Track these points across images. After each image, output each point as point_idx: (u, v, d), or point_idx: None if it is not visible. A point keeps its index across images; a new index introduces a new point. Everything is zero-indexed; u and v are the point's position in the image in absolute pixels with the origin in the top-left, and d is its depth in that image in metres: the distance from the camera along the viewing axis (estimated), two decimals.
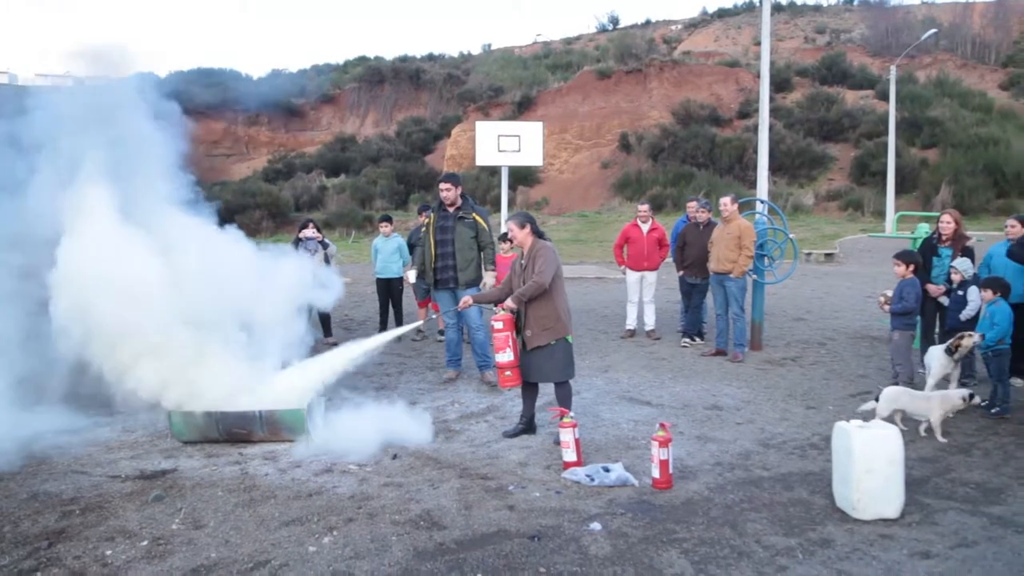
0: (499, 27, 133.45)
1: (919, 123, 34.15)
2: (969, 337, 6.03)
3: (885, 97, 29.67)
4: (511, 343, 5.39)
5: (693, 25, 68.46)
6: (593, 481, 4.62)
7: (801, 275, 16.44)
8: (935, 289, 7.22)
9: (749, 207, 9.59)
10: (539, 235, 5.68)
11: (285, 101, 53.72)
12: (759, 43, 11.10)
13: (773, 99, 31.74)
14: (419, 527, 4.10)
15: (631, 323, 9.88)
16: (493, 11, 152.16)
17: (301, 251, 9.19)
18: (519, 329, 5.54)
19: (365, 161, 41.74)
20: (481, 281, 7.36)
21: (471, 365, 7.69)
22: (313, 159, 44.31)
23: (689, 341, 9.19)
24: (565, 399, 5.53)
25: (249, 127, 52.27)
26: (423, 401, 6.68)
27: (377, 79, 54.97)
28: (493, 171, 28.53)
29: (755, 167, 10.88)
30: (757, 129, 10.96)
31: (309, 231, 9.46)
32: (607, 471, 4.68)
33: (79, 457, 5.30)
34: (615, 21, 71.54)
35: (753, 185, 11.10)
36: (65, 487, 4.73)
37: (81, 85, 6.66)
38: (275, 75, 66.93)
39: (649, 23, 71.76)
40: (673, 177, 32.52)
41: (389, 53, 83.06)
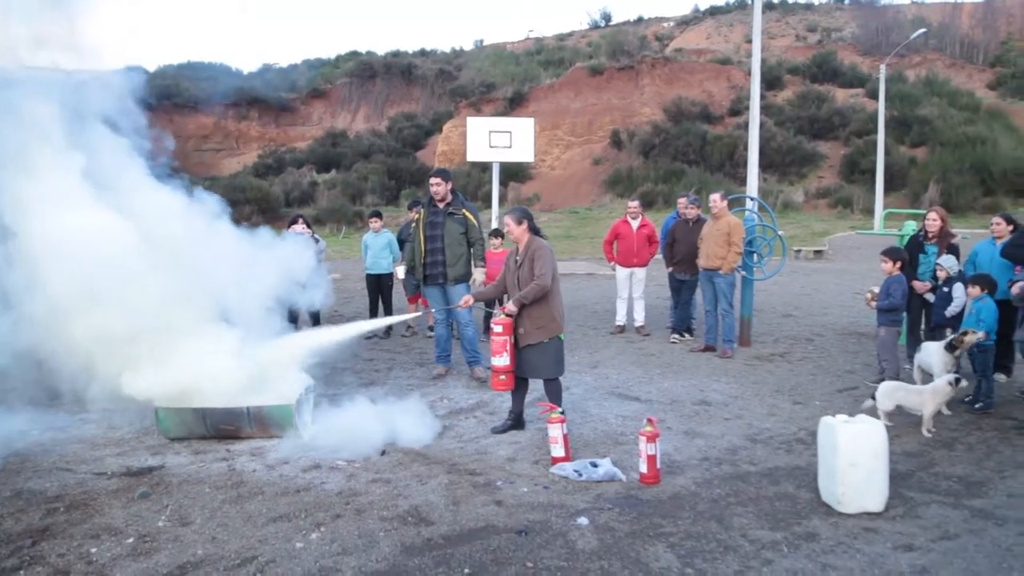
0: (491, 23, 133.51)
1: (908, 122, 34.34)
2: (973, 334, 6.06)
3: (875, 96, 29.81)
4: (508, 348, 5.39)
5: (685, 22, 68.57)
6: (581, 476, 4.63)
7: (791, 272, 16.52)
8: (921, 286, 7.27)
9: (739, 204, 9.62)
10: (535, 232, 5.69)
11: (275, 96, 53.52)
12: (751, 41, 11.11)
13: (764, 97, 31.85)
14: (407, 523, 4.11)
15: (621, 319, 9.90)
16: (486, 7, 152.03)
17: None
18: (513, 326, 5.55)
19: (356, 156, 41.65)
20: (470, 277, 7.36)
21: (460, 361, 7.69)
22: (304, 154, 44.18)
23: (678, 337, 9.23)
24: (555, 395, 5.55)
25: (239, 122, 52.05)
26: (412, 396, 6.67)
27: (368, 74, 54.83)
28: (484, 167, 28.50)
29: (746, 164, 10.90)
30: (748, 126, 10.99)
31: (298, 227, 9.42)
32: (595, 466, 4.70)
33: (64, 454, 5.26)
34: (607, 18, 71.58)
35: (744, 182, 11.12)
36: (49, 484, 4.71)
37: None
38: (266, 69, 66.69)
39: (641, 20, 71.83)
40: (664, 174, 32.60)
41: (381, 48, 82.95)
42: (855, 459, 4.11)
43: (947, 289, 6.86)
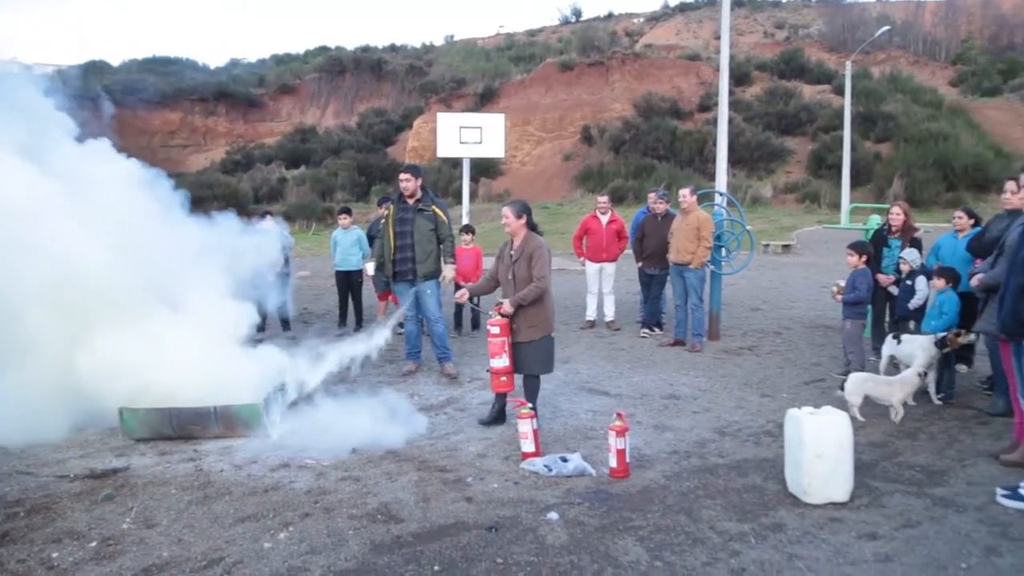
0: (462, 18, 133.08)
1: (873, 118, 34.88)
2: (965, 335, 6.13)
3: (841, 92, 30.24)
4: (507, 349, 5.38)
5: (655, 18, 68.98)
6: (551, 471, 4.64)
7: (759, 266, 16.71)
8: (885, 279, 7.39)
9: (708, 199, 9.70)
10: (532, 227, 5.70)
11: (243, 91, 52.89)
12: (719, 37, 11.20)
13: (733, 93, 32.10)
14: (376, 520, 4.08)
15: (591, 314, 9.94)
16: (456, 2, 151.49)
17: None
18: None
19: (326, 152, 41.34)
20: (441, 274, 7.33)
21: (430, 357, 7.66)
22: (273, 150, 43.74)
23: (648, 331, 9.28)
24: (532, 392, 5.57)
25: (207, 117, 51.35)
26: (382, 393, 6.63)
27: (338, 69, 54.39)
28: (455, 163, 28.44)
29: (715, 159, 10.99)
30: (717, 122, 11.08)
31: (267, 223, 9.34)
32: (565, 461, 4.71)
33: (25, 457, 5.15)
34: (578, 13, 71.78)
35: (713, 177, 11.22)
36: (9, 488, 4.60)
37: None
38: (233, 64, 65.88)
39: (612, 16, 72.13)
40: (635, 169, 32.76)
41: (350, 43, 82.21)
42: (821, 450, 4.17)
43: (910, 282, 6.98)
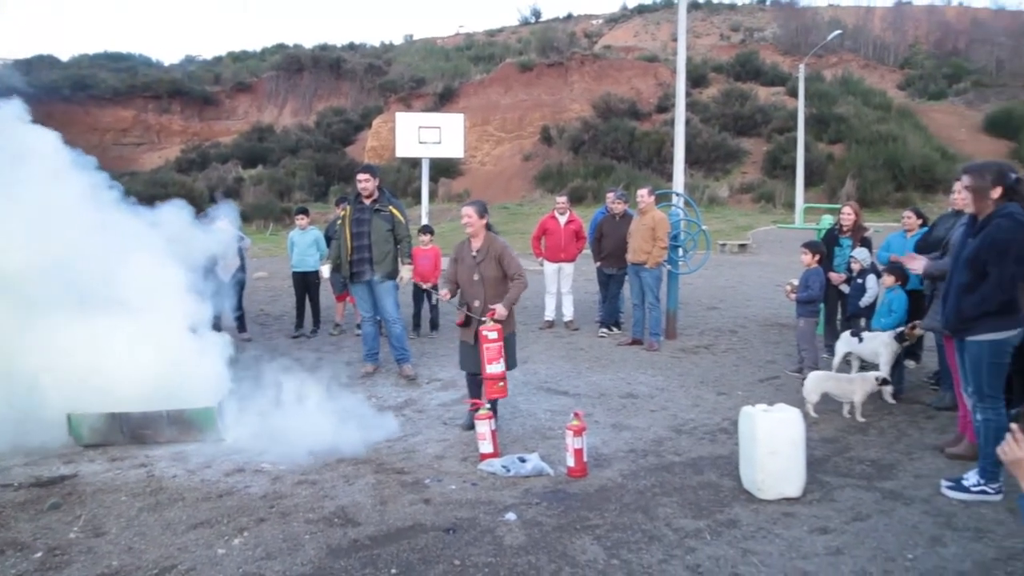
0: (421, 18, 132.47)
1: (826, 119, 35.64)
2: (920, 325, 6.26)
3: (795, 94, 30.80)
4: (503, 353, 5.30)
5: (614, 20, 69.46)
6: (509, 472, 4.64)
7: (716, 265, 16.93)
8: (836, 277, 7.55)
9: (667, 199, 9.80)
10: (489, 227, 5.69)
11: (199, 88, 51.99)
12: (677, 39, 11.33)
13: (690, 94, 32.57)
14: (333, 524, 4.04)
15: (549, 314, 9.97)
16: (415, 1, 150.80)
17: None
18: (467, 322, 5.54)
19: (283, 152, 40.83)
20: (398, 275, 7.29)
21: (389, 359, 7.61)
22: (229, 149, 43.07)
23: (606, 331, 9.34)
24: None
25: (160, 115, 50.37)
26: (339, 396, 6.57)
27: (296, 68, 53.78)
28: (414, 163, 28.27)
29: (673, 160, 11.12)
30: (675, 123, 11.21)
31: (222, 223, 9.17)
32: (523, 461, 4.71)
33: None
34: (537, 14, 72.02)
35: (671, 178, 11.35)
36: None
37: None
38: (188, 61, 64.70)
39: (571, 17, 72.47)
40: (594, 170, 32.98)
41: (308, 41, 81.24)
42: (774, 447, 4.24)
43: (861, 280, 7.14)
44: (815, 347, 7.25)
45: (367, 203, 7.14)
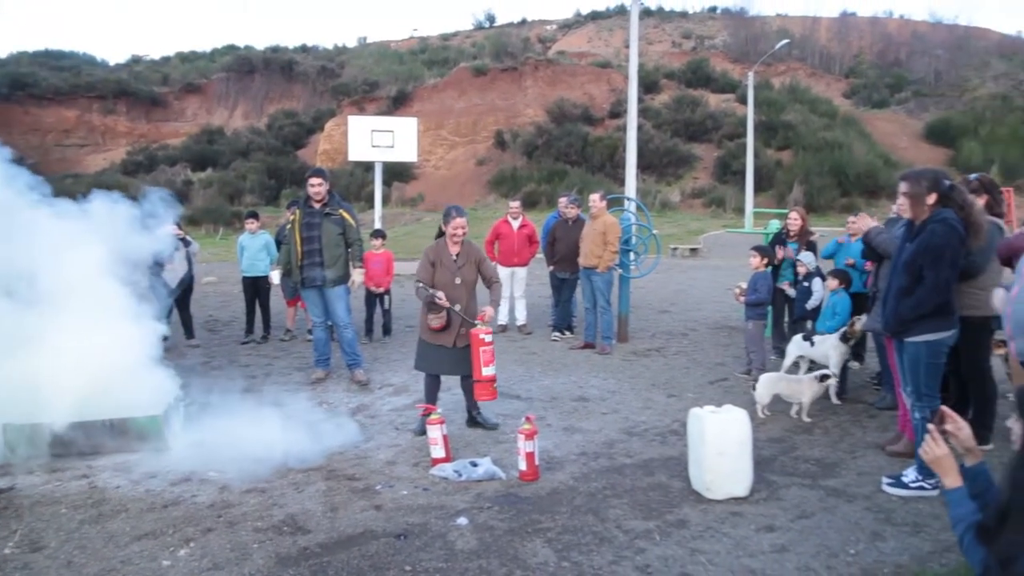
0: (375, 21, 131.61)
1: (774, 126, 36.47)
2: (859, 321, 6.41)
3: (744, 101, 31.46)
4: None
5: (567, 26, 69.94)
6: (461, 476, 4.63)
7: (668, 269, 17.17)
8: (784, 285, 7.71)
9: (618, 204, 9.90)
10: (442, 234, 5.69)
11: (146, 89, 50.83)
12: (629, 46, 11.48)
13: (642, 100, 32.95)
14: (282, 532, 3.98)
15: (503, 318, 9.98)
16: (369, 4, 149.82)
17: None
18: (447, 325, 5.52)
19: (234, 155, 40.19)
20: (349, 279, 7.23)
21: (340, 364, 7.54)
22: (178, 151, 42.24)
23: (559, 335, 9.40)
24: (471, 390, 5.65)
25: (105, 116, 49.11)
26: (290, 402, 6.49)
27: (247, 69, 53.01)
28: (367, 167, 28.07)
29: (625, 165, 11.24)
30: (627, 128, 11.34)
31: (169, 227, 8.97)
32: (475, 466, 4.71)
33: None
34: (491, 19, 72.15)
35: (624, 183, 11.48)
36: None
37: None
38: (135, 61, 63.18)
39: (525, 22, 72.73)
40: (547, 174, 33.21)
41: (260, 42, 79.90)
42: (722, 448, 4.31)
43: (807, 284, 7.32)
44: (763, 349, 7.41)
45: (317, 207, 7.06)
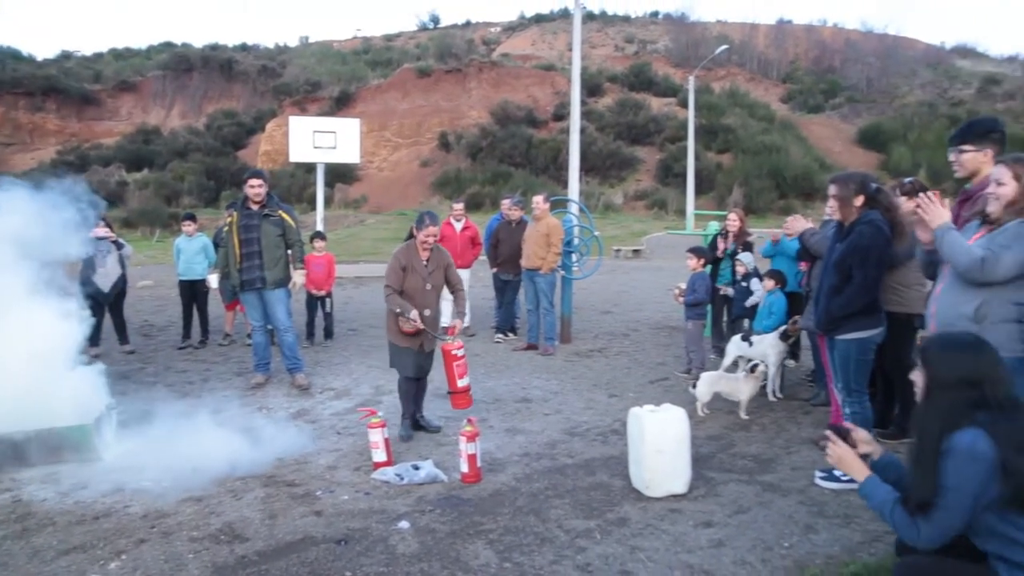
0: (317, 20, 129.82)
1: (715, 130, 37.24)
2: (799, 318, 6.56)
3: (685, 105, 32.05)
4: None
5: (512, 28, 70.24)
6: (403, 480, 4.60)
7: (611, 270, 17.37)
8: (721, 287, 7.88)
9: (562, 206, 9.98)
10: (411, 236, 5.64)
11: (77, 86, 49.16)
12: (573, 49, 11.59)
13: (585, 103, 33.27)
14: (219, 541, 3.90)
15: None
16: (311, 3, 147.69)
17: (91, 251, 8.48)
18: (419, 332, 5.49)
19: (171, 155, 39.18)
20: (290, 281, 7.12)
21: (281, 369, 7.41)
22: (111, 151, 40.98)
23: (502, 337, 9.42)
24: (421, 392, 5.79)
25: (33, 113, 47.32)
26: (229, 408, 6.36)
27: (185, 67, 51.74)
28: (309, 168, 27.69)
29: (569, 167, 11.33)
30: (570, 131, 11.43)
31: (100, 230, 8.69)
32: (417, 469, 4.69)
33: None
34: (436, 20, 72.00)
35: (567, 185, 11.57)
36: None
37: None
38: (65, 57, 61.03)
39: (469, 24, 72.76)
40: (491, 176, 33.28)
41: (198, 40, 77.98)
42: (660, 446, 4.37)
43: (745, 284, 7.49)
44: (703, 348, 7.55)
45: (255, 208, 6.93)
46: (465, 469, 4.63)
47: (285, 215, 7.03)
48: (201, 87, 51.11)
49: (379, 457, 4.84)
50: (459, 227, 9.66)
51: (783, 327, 6.60)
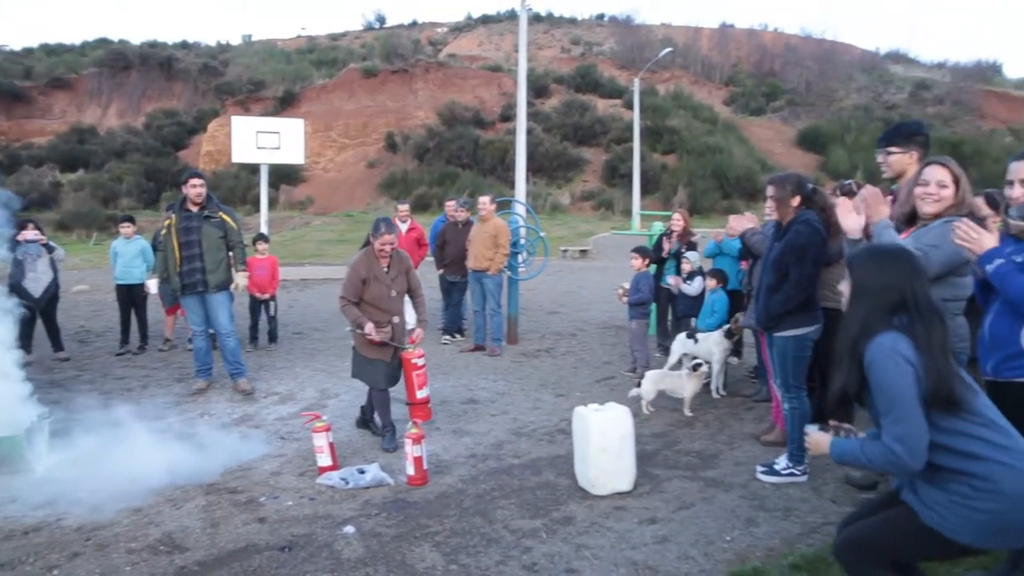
0: (261, 17, 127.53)
1: (660, 131, 37.80)
2: (741, 316, 6.67)
3: (631, 106, 32.44)
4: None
5: (458, 29, 70.10)
6: (348, 484, 4.56)
7: (558, 271, 17.46)
8: (674, 280, 7.99)
9: (508, 207, 10.00)
10: (367, 243, 5.50)
11: (6, 83, 47.33)
12: (519, 50, 11.63)
13: (532, 104, 33.40)
14: (158, 552, 3.80)
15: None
16: (254, 0, 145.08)
17: (21, 255, 8.20)
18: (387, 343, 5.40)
19: (108, 155, 38.06)
20: (232, 283, 6.98)
21: (223, 374, 7.26)
22: (44, 151, 39.57)
23: (449, 338, 9.39)
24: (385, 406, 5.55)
25: None
26: (169, 415, 6.20)
27: (122, 65, 50.27)
28: (254, 169, 27.21)
29: (516, 168, 11.37)
30: (517, 132, 11.47)
31: (30, 232, 8.41)
32: (362, 472, 4.65)
33: None
34: (382, 20, 71.45)
35: (515, 186, 11.61)
36: None
37: None
38: None
39: (416, 24, 72.39)
40: (439, 177, 33.19)
41: (136, 37, 75.96)
42: (605, 444, 4.42)
43: (690, 281, 7.62)
44: (647, 347, 7.65)
45: (195, 210, 6.78)
46: (411, 472, 4.61)
47: (226, 216, 6.89)
48: (140, 85, 49.74)
49: (324, 462, 4.78)
50: (404, 228, 9.58)
51: (727, 325, 6.73)
